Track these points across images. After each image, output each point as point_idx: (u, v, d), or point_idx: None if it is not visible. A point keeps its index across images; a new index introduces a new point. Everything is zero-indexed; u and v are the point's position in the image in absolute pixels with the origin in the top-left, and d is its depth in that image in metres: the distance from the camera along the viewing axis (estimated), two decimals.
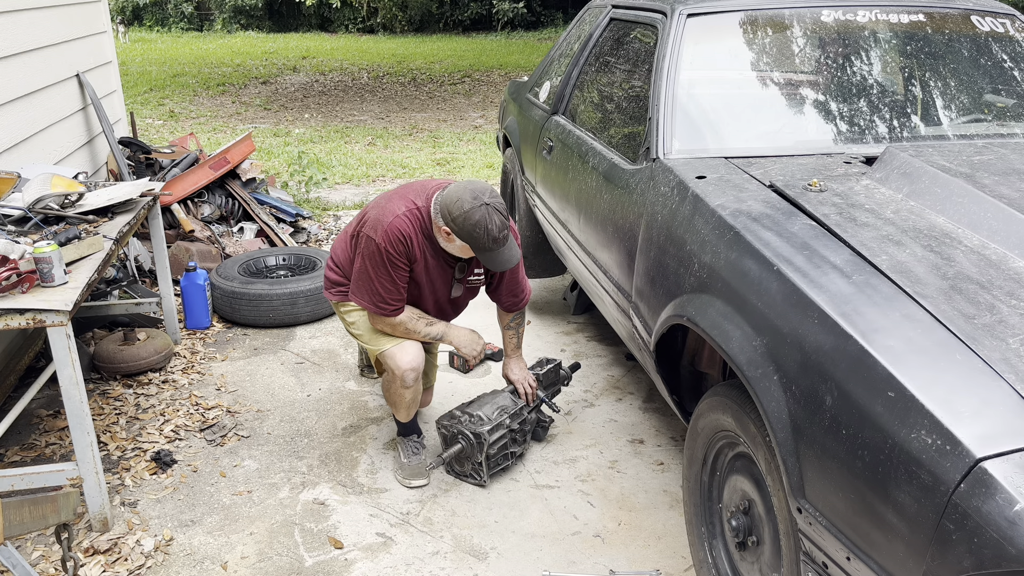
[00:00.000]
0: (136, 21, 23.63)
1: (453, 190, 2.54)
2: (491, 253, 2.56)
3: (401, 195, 2.69)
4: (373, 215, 2.66)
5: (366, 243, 2.62)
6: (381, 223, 2.60)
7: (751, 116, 2.76)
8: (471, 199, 2.47)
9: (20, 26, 3.97)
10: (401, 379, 2.75)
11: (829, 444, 1.54)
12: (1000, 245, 1.82)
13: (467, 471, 2.85)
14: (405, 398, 2.83)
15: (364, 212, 2.75)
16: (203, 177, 4.93)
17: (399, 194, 2.71)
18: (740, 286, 1.91)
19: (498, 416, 2.83)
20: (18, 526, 1.72)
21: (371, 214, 2.67)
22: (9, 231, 2.85)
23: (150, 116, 10.15)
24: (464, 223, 2.49)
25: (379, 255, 2.60)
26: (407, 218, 2.61)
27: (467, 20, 21.24)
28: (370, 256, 2.62)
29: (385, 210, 2.63)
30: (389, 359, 2.76)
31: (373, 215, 2.66)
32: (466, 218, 2.48)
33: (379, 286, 2.65)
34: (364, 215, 2.72)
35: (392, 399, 2.87)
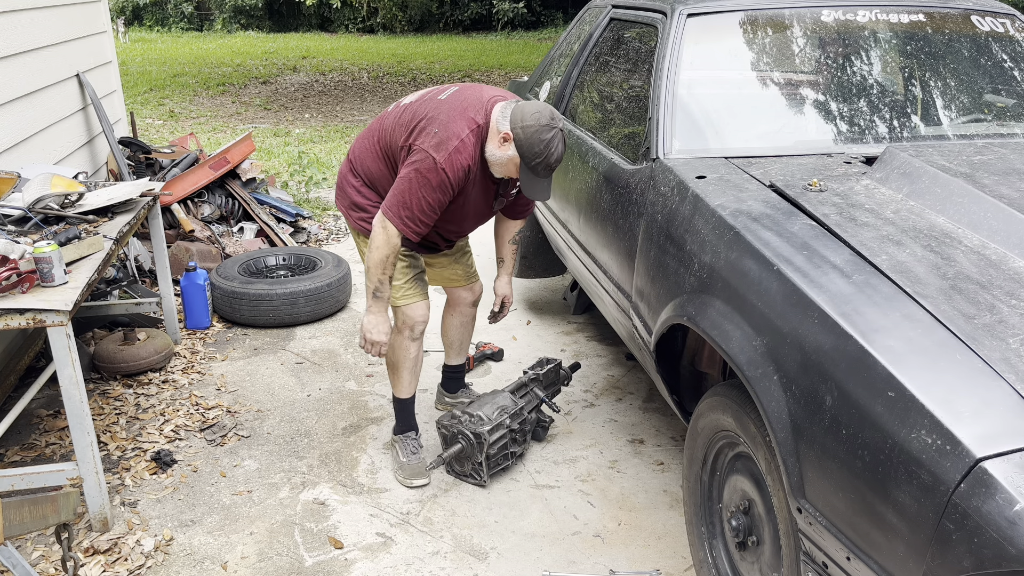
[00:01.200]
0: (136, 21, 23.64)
1: (534, 104, 2.47)
2: (535, 177, 2.50)
3: (461, 109, 2.50)
4: (435, 132, 2.45)
5: (423, 159, 2.44)
6: (445, 146, 2.43)
7: (751, 116, 2.76)
8: (549, 118, 2.42)
9: (20, 26, 3.97)
10: (411, 329, 2.77)
11: (829, 444, 1.54)
12: (1000, 245, 1.82)
13: (467, 471, 2.85)
14: (410, 352, 2.82)
15: (416, 118, 2.53)
16: (203, 177, 4.93)
17: (459, 107, 2.51)
18: (740, 286, 1.91)
19: (498, 416, 2.84)
20: (18, 526, 1.72)
21: (431, 128, 2.47)
22: (9, 231, 2.85)
23: (150, 116, 10.15)
24: (534, 135, 2.41)
25: (436, 176, 2.44)
26: (471, 141, 2.47)
27: (467, 20, 21.24)
28: (425, 173, 2.44)
29: (449, 130, 2.45)
30: (404, 310, 2.77)
31: (435, 132, 2.45)
32: (538, 131, 2.40)
33: (417, 205, 2.48)
34: (418, 123, 2.51)
35: (396, 356, 2.82)
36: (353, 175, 2.77)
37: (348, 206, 2.78)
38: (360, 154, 2.75)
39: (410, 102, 2.65)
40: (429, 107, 2.55)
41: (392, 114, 2.68)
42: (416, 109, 2.58)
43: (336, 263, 4.32)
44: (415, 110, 2.58)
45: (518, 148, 2.44)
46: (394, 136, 2.60)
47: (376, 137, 2.69)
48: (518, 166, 2.48)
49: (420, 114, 2.54)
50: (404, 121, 2.59)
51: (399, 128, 2.59)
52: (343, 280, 4.22)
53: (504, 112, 2.49)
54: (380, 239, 2.54)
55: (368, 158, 2.71)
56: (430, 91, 2.66)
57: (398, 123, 2.61)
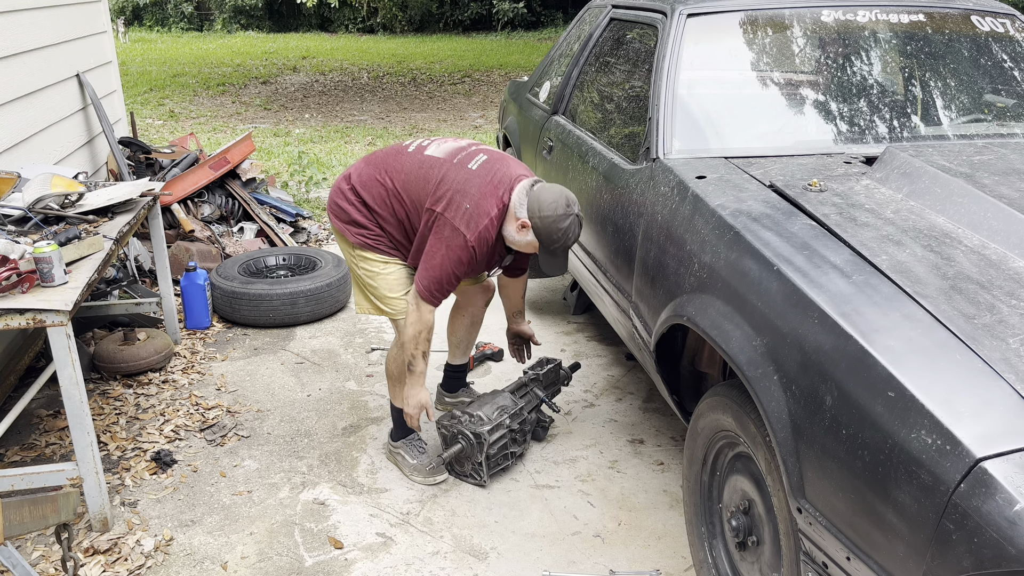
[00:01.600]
0: (136, 21, 23.64)
1: (550, 192, 2.53)
2: (553, 256, 2.60)
3: (492, 186, 2.55)
4: (466, 208, 2.51)
5: (453, 235, 2.51)
6: (476, 224, 2.50)
7: (751, 116, 2.76)
8: (566, 206, 2.50)
9: (20, 26, 3.97)
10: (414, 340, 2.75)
11: (829, 444, 1.54)
12: (1000, 245, 1.82)
13: (467, 471, 2.85)
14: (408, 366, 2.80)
15: (444, 184, 2.56)
16: (203, 177, 4.93)
17: (489, 183, 2.55)
18: (740, 286, 1.91)
19: (498, 416, 2.84)
20: (18, 526, 1.72)
21: (462, 203, 2.52)
22: (9, 231, 2.85)
23: (150, 116, 10.16)
24: (551, 224, 2.50)
25: (465, 252, 2.52)
26: (497, 219, 2.55)
27: (467, 20, 21.24)
28: (456, 250, 2.52)
29: (480, 208, 2.51)
30: (400, 319, 2.75)
31: (466, 208, 2.51)
32: (556, 221, 2.50)
33: (447, 279, 2.56)
34: (447, 192, 2.54)
35: (398, 369, 2.80)
36: (355, 195, 2.72)
37: (346, 221, 2.74)
38: (367, 183, 2.71)
39: (433, 155, 2.66)
40: (459, 176, 2.57)
41: (412, 160, 2.67)
42: (445, 174, 2.59)
43: (336, 263, 4.32)
44: (443, 175, 2.59)
45: (536, 235, 2.55)
46: (416, 190, 2.62)
47: (390, 177, 2.68)
48: (536, 247, 2.59)
49: (448, 181, 2.57)
50: (429, 179, 2.60)
51: (422, 183, 2.61)
52: (343, 280, 4.22)
53: (522, 199, 2.55)
54: (413, 316, 2.63)
55: (375, 188, 2.69)
56: (457, 150, 2.67)
57: (421, 177, 2.62)
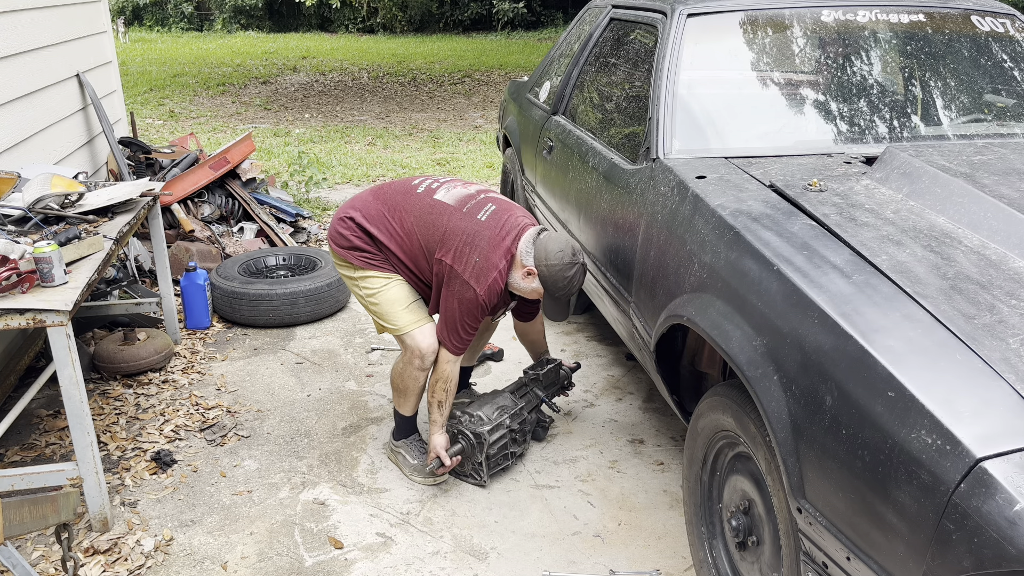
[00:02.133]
0: (136, 21, 23.64)
1: (556, 242, 2.60)
2: (556, 303, 2.71)
3: (500, 237, 2.62)
4: (476, 262, 2.59)
5: (464, 289, 2.59)
6: (486, 277, 2.58)
7: (751, 116, 2.76)
8: (571, 255, 2.59)
9: (20, 26, 3.97)
10: (421, 359, 2.75)
11: (829, 444, 1.54)
12: (1000, 245, 1.82)
13: (467, 471, 2.85)
14: (419, 382, 2.82)
15: (454, 235, 2.62)
16: (203, 177, 4.93)
17: (497, 234, 2.62)
18: (740, 286, 1.91)
19: (498, 416, 2.84)
20: (18, 526, 1.72)
21: (471, 256, 2.59)
22: (9, 231, 2.85)
23: (150, 116, 10.16)
24: (558, 273, 2.58)
25: (476, 305, 2.61)
26: (505, 270, 2.63)
27: (467, 20, 21.24)
28: (469, 304, 2.61)
29: (489, 261, 2.59)
30: (410, 339, 2.75)
31: (476, 262, 2.59)
32: (562, 270, 2.58)
33: (463, 330, 2.67)
34: (456, 244, 2.61)
35: (404, 384, 2.84)
36: (360, 229, 2.76)
37: (348, 248, 2.78)
38: (375, 217, 2.75)
39: (443, 201, 2.71)
40: (468, 227, 2.63)
41: (422, 203, 2.72)
42: (455, 224, 2.64)
43: None
44: (453, 225, 2.64)
45: (542, 282, 2.62)
46: (426, 235, 2.68)
47: (399, 215, 2.73)
48: (541, 294, 2.67)
49: (459, 232, 2.63)
50: (438, 226, 2.66)
51: (431, 229, 2.67)
52: (343, 280, 4.21)
53: (528, 248, 2.63)
54: (440, 369, 2.74)
55: (382, 223, 2.74)
56: (466, 198, 2.71)
57: (430, 223, 2.68)
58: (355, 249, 2.77)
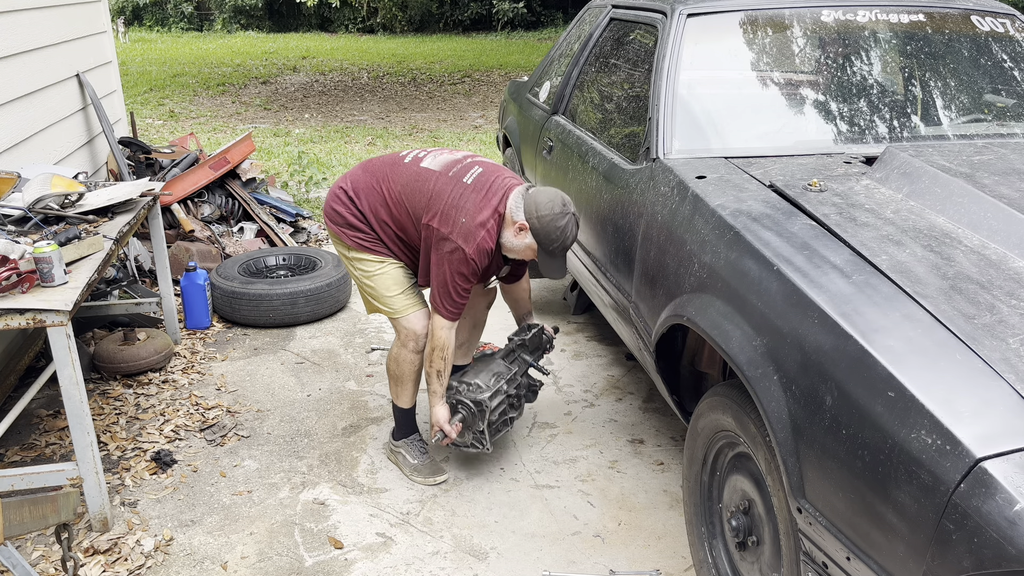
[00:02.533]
0: (136, 21, 23.64)
1: (545, 193, 2.58)
2: (552, 259, 2.64)
3: (486, 197, 2.59)
4: (463, 222, 2.55)
5: (453, 250, 2.55)
6: (474, 236, 2.54)
7: (751, 116, 2.76)
8: (562, 205, 2.55)
9: (20, 26, 3.97)
10: (415, 340, 2.77)
11: (829, 444, 1.54)
12: (1000, 245, 1.82)
13: (468, 441, 2.83)
14: (415, 366, 2.82)
15: (440, 198, 2.60)
16: (203, 177, 4.93)
17: (484, 195, 2.60)
18: (740, 286, 1.91)
19: (495, 383, 2.82)
20: (18, 526, 1.72)
21: (457, 217, 2.56)
22: (9, 231, 2.85)
23: (150, 116, 10.16)
24: (549, 224, 2.54)
25: (466, 265, 2.57)
26: (494, 229, 2.60)
27: (467, 20, 21.24)
28: (458, 265, 2.57)
29: (476, 220, 2.56)
30: (405, 322, 2.76)
31: (463, 222, 2.55)
32: (553, 220, 2.54)
33: (455, 292, 2.62)
34: (442, 206, 2.58)
35: (400, 369, 2.83)
36: (351, 202, 2.75)
37: (342, 225, 2.76)
38: (364, 189, 2.74)
39: (429, 167, 2.70)
40: (454, 190, 2.61)
41: (408, 172, 2.71)
42: (440, 187, 2.63)
43: (336, 263, 4.32)
44: (438, 188, 2.62)
45: (535, 236, 2.58)
46: (413, 201, 2.66)
47: (387, 186, 2.71)
48: (535, 250, 2.62)
49: (444, 195, 2.61)
50: (424, 191, 2.64)
51: (418, 195, 2.65)
52: (343, 280, 4.22)
53: (518, 203, 2.60)
54: (435, 336, 2.70)
55: (372, 195, 2.73)
56: (452, 163, 2.70)
57: (417, 189, 2.66)
58: (349, 227, 2.76)
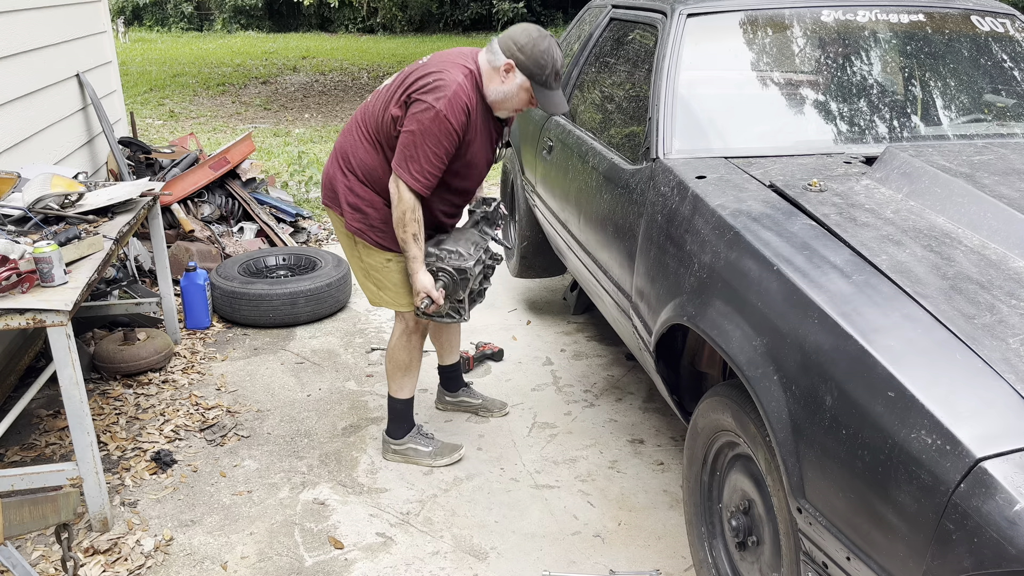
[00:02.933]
0: (136, 21, 23.64)
1: (515, 28, 2.55)
2: (550, 91, 2.54)
3: (451, 60, 2.52)
4: (430, 82, 2.44)
5: (423, 110, 2.41)
6: (444, 93, 2.41)
7: (751, 116, 2.76)
8: (537, 32, 2.50)
9: (20, 26, 3.97)
10: (420, 335, 2.85)
11: (829, 444, 1.54)
12: (1000, 245, 1.82)
13: (444, 311, 2.79)
14: (419, 351, 2.88)
15: (406, 81, 2.51)
16: (203, 177, 4.93)
17: (448, 59, 2.53)
18: (740, 286, 1.91)
19: (476, 251, 2.76)
20: (18, 526, 1.72)
21: (425, 80, 2.45)
22: (9, 231, 2.85)
23: (150, 116, 10.16)
24: (533, 50, 2.48)
25: (438, 125, 2.41)
26: (468, 85, 2.48)
27: (467, 20, 21.24)
28: (428, 123, 2.42)
29: (445, 78, 2.44)
30: (411, 317, 2.80)
31: (430, 82, 2.44)
32: (535, 45, 2.48)
33: (424, 157, 2.45)
34: (411, 84, 2.48)
35: (405, 357, 2.84)
36: (343, 173, 2.67)
37: (340, 207, 2.69)
38: (349, 148, 2.66)
39: (390, 82, 2.63)
40: (415, 69, 2.54)
41: (373, 100, 2.65)
42: (402, 78, 2.55)
43: (336, 263, 4.32)
44: (401, 79, 2.56)
45: (523, 70, 2.50)
46: (384, 111, 2.56)
47: (363, 126, 2.64)
48: (529, 90, 2.53)
49: (409, 76, 2.53)
50: (391, 91, 2.56)
51: (386, 103, 2.56)
52: (343, 280, 4.22)
53: (492, 51, 2.53)
54: (394, 199, 2.54)
55: (359, 150, 2.64)
56: (407, 67, 2.62)
57: (384, 100, 2.57)
58: (349, 208, 2.66)
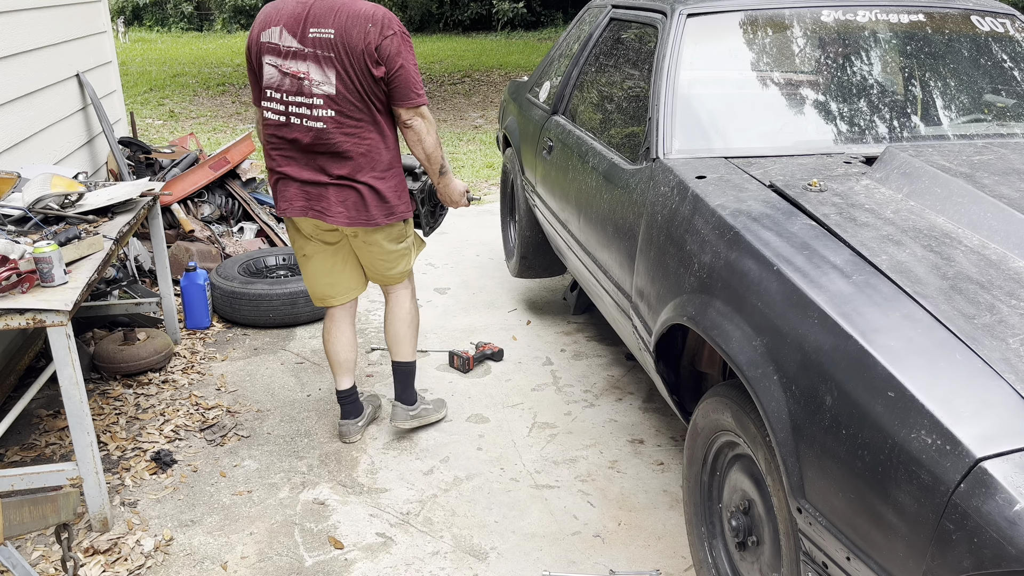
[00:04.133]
0: (136, 21, 23.64)
1: None
2: None
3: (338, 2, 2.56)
4: (373, 20, 2.51)
5: (397, 37, 2.54)
6: (386, 15, 2.54)
7: (751, 116, 2.76)
8: None
9: (20, 26, 3.97)
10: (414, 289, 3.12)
11: (829, 444, 1.54)
12: (1000, 245, 1.82)
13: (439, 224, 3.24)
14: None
15: (352, 41, 2.51)
16: (203, 177, 4.93)
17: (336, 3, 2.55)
18: (740, 286, 1.91)
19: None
20: (18, 526, 1.72)
21: (371, 24, 2.50)
22: (9, 231, 2.85)
23: (150, 116, 10.16)
24: None
25: (407, 40, 2.58)
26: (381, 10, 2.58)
27: (467, 20, 21.24)
28: (405, 46, 2.57)
29: (372, 8, 2.54)
30: (411, 274, 3.06)
31: (373, 20, 2.51)
32: None
33: (417, 74, 2.64)
34: (364, 39, 2.50)
35: (417, 320, 3.09)
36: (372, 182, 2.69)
37: (384, 215, 2.74)
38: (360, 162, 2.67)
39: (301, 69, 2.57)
40: (337, 18, 2.53)
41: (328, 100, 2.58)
42: (341, 45, 2.52)
43: None
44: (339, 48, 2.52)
45: None
46: (365, 87, 2.58)
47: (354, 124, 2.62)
48: None
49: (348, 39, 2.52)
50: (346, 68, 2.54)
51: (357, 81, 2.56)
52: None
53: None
54: (423, 127, 2.67)
55: (363, 150, 2.65)
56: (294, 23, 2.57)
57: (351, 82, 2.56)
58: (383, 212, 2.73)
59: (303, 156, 2.68)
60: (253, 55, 2.67)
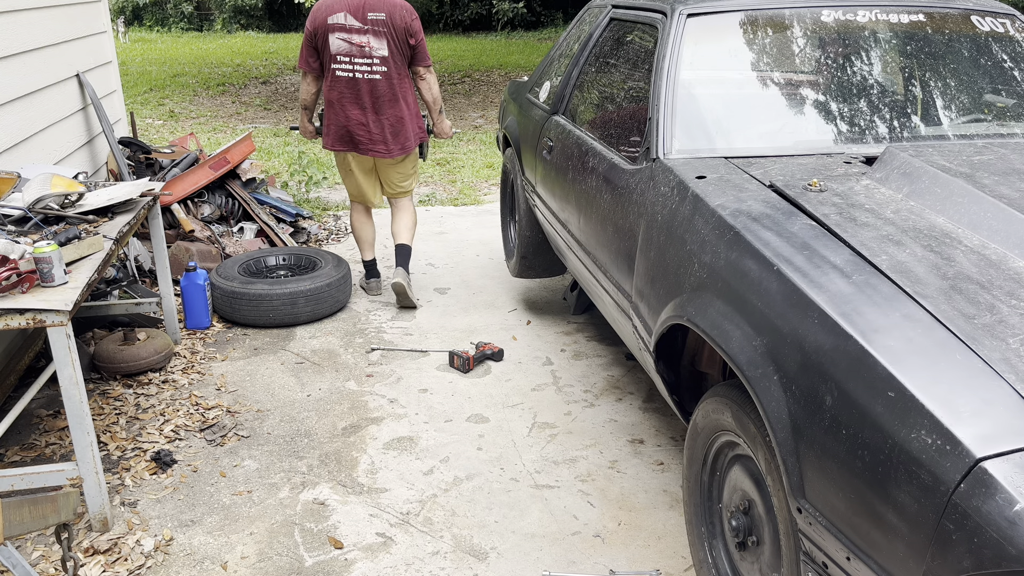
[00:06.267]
0: (136, 21, 23.64)
1: None
2: None
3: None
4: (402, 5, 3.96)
5: (417, 21, 3.99)
6: (410, 7, 3.88)
7: (751, 116, 2.76)
8: None
9: (20, 26, 3.97)
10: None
11: (829, 444, 1.54)
12: (1000, 245, 1.82)
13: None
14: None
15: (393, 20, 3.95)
16: (203, 177, 4.93)
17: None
18: (740, 286, 1.91)
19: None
20: (18, 526, 1.73)
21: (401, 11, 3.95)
22: (9, 231, 2.85)
23: (150, 116, 10.16)
24: None
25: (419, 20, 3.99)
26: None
27: (467, 20, 21.24)
28: (419, 25, 3.98)
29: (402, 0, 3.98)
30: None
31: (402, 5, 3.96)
32: None
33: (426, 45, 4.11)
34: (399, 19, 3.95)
35: (415, 222, 4.44)
36: (408, 114, 4.14)
37: (412, 140, 4.18)
38: (401, 92, 4.07)
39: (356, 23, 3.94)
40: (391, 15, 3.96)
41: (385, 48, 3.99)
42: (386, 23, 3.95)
43: (336, 263, 4.32)
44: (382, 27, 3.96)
45: None
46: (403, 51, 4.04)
47: (397, 70, 4.04)
48: None
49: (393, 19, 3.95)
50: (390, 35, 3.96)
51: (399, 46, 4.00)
52: (343, 280, 4.22)
53: None
54: (432, 82, 4.23)
55: (403, 87, 4.09)
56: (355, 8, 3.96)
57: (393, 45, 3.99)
58: (420, 127, 4.25)
59: (366, 99, 4.03)
60: (320, 33, 3.92)
